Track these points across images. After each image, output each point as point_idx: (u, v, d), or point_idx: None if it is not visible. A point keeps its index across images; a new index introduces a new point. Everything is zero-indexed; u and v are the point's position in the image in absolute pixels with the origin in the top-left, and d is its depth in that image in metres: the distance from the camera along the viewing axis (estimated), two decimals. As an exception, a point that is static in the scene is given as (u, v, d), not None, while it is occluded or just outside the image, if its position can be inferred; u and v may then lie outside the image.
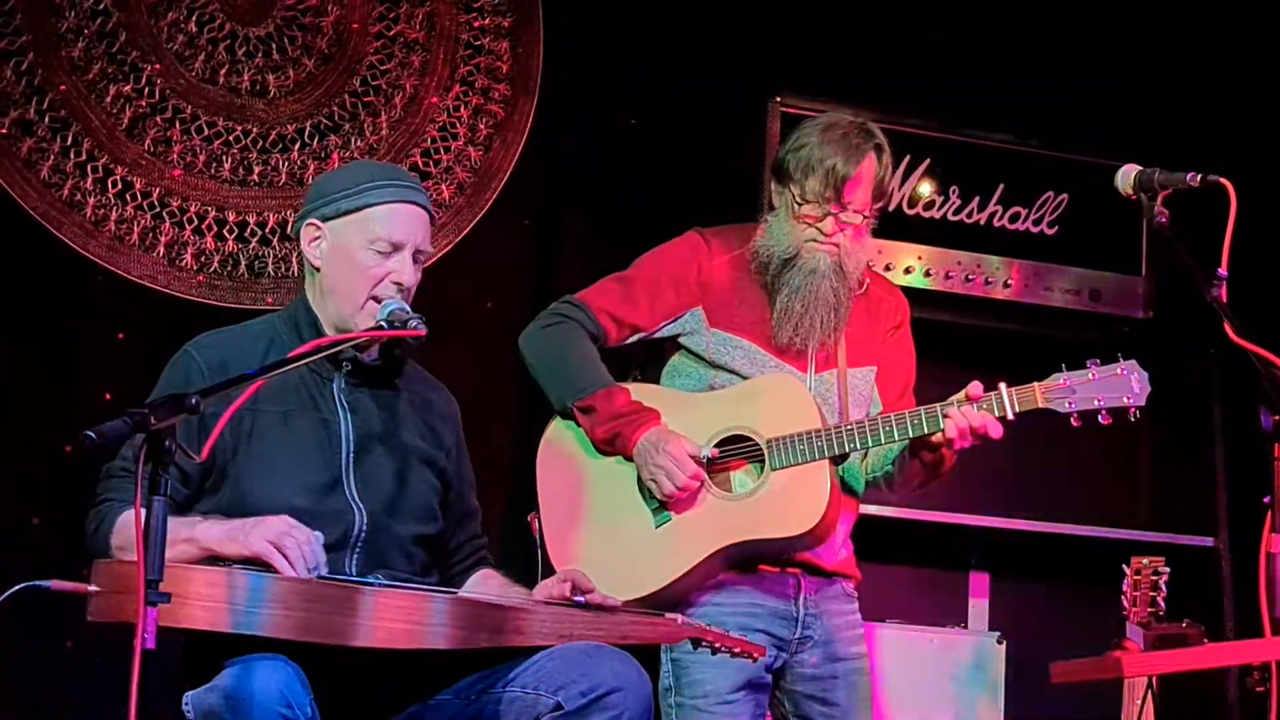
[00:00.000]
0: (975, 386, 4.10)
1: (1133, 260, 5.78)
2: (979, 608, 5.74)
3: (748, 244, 4.33)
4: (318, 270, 3.84)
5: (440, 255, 3.96)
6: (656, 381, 4.42)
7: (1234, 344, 3.86)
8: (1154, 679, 4.48)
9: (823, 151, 4.21)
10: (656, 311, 4.32)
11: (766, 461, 4.16)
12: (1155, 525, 5.80)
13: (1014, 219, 5.70)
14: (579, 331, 4.27)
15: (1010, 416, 4.10)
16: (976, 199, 5.64)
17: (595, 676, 3.52)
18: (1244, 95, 6.03)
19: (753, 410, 4.19)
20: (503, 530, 4.81)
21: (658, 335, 4.36)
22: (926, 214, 5.62)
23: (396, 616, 3.43)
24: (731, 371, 4.28)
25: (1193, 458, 5.85)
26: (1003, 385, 4.11)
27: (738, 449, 4.20)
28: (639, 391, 4.27)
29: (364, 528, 3.70)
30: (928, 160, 5.62)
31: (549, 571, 4.16)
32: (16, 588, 3.20)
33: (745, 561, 4.22)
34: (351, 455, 3.75)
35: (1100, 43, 6.02)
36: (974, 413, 4.07)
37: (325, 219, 3.82)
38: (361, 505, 3.71)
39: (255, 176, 5.28)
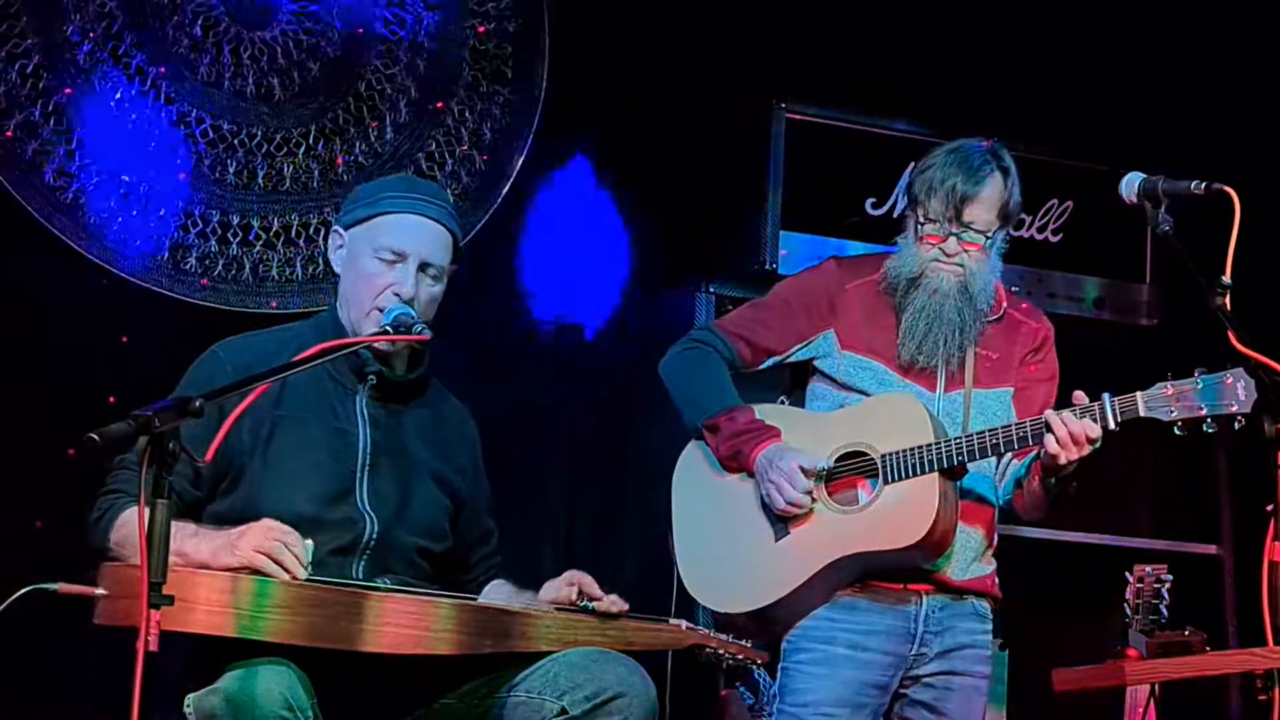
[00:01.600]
0: (1078, 395, 4.11)
1: (1137, 268, 5.78)
2: (981, 614, 5.72)
3: (879, 269, 4.37)
4: (339, 276, 3.89)
5: (453, 265, 3.96)
6: (802, 406, 4.48)
7: (1238, 352, 3.86)
8: (1156, 687, 4.47)
9: (945, 172, 4.26)
10: (788, 335, 4.38)
11: (880, 476, 4.19)
12: (1158, 533, 5.79)
13: (1019, 226, 5.69)
14: (712, 356, 4.36)
15: (1113, 425, 4.10)
16: (981, 205, 5.62)
17: (600, 681, 3.53)
18: (1249, 103, 6.02)
19: (870, 427, 4.23)
20: (506, 530, 4.80)
21: (793, 359, 4.42)
22: (931, 221, 5.61)
23: (403, 622, 3.44)
24: (861, 392, 4.33)
25: (1196, 465, 5.85)
26: (1106, 395, 4.10)
27: (855, 465, 4.24)
28: (764, 411, 4.34)
29: (374, 536, 3.71)
30: (933, 167, 5.61)
31: (682, 590, 4.30)
32: (24, 590, 3.20)
33: (863, 575, 4.25)
34: (366, 467, 3.76)
35: (1106, 50, 6.02)
36: (1074, 420, 4.07)
37: (345, 226, 3.88)
38: (372, 515, 3.72)
39: (260, 180, 5.28)
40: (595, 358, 5.62)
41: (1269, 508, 3.64)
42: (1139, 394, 4.11)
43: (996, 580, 4.47)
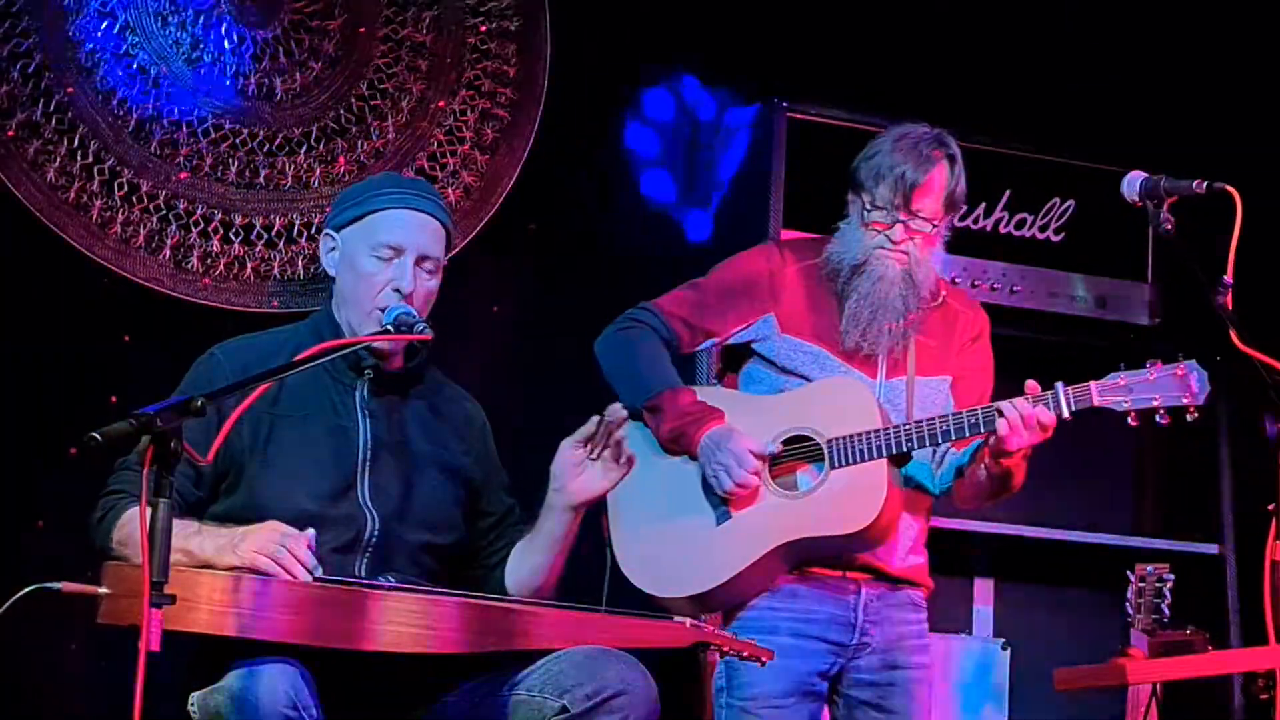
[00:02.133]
0: (1031, 384, 4.12)
1: (1139, 267, 5.77)
2: (984, 614, 5.73)
3: (820, 254, 4.36)
4: (334, 279, 3.89)
5: (448, 257, 3.97)
6: (735, 388, 4.46)
7: (1239, 351, 3.86)
8: (1158, 686, 4.48)
9: (893, 159, 4.25)
10: (728, 317, 4.36)
11: (826, 461, 4.18)
12: (1160, 532, 5.79)
13: (1020, 225, 5.69)
14: (651, 335, 4.33)
15: (1066, 415, 4.11)
16: (983, 205, 5.63)
17: (601, 679, 3.53)
18: (1251, 103, 6.02)
19: (815, 411, 4.22)
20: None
21: (730, 341, 4.40)
22: (932, 220, 5.61)
23: (406, 620, 3.44)
24: (801, 376, 4.31)
25: (1198, 465, 5.85)
26: (1059, 384, 4.11)
27: (800, 449, 4.23)
28: (705, 393, 4.32)
29: (375, 532, 3.71)
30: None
31: (616, 571, 4.25)
32: (27, 589, 3.21)
33: (805, 561, 4.23)
34: (367, 462, 3.77)
35: (1107, 49, 6.02)
36: (1027, 405, 4.08)
37: (338, 228, 3.89)
38: (373, 511, 3.72)
39: (261, 180, 5.28)
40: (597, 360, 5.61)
41: (1270, 507, 3.64)
42: (1092, 383, 4.12)
43: (928, 569, 4.45)
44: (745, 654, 3.80)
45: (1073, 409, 4.10)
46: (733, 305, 4.36)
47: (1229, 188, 3.89)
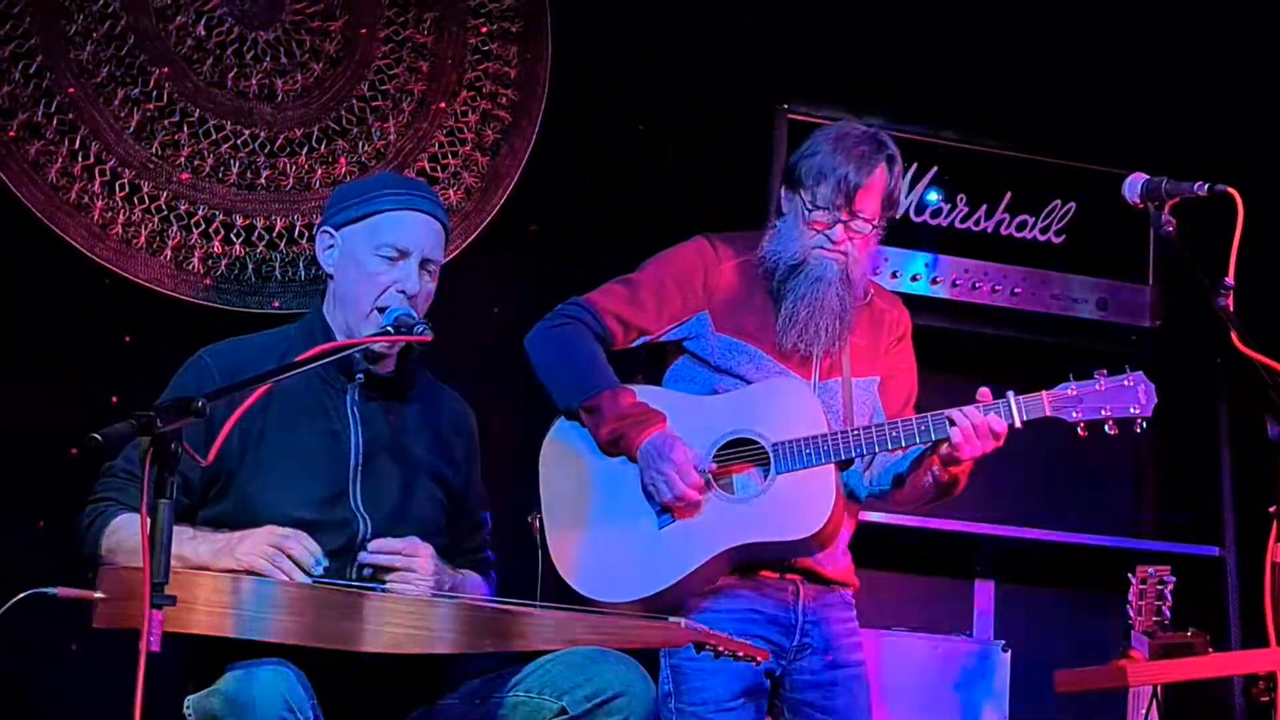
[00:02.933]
0: (983, 392, 4.11)
1: (1140, 269, 5.78)
2: (984, 616, 5.73)
3: (755, 250, 4.33)
4: (331, 278, 3.87)
5: (447, 260, 3.96)
6: (658, 385, 4.41)
7: (1241, 353, 3.86)
8: (1159, 688, 4.48)
9: (835, 160, 4.21)
10: (663, 315, 4.32)
11: (772, 465, 4.15)
12: (1161, 534, 5.79)
13: (1021, 227, 5.69)
14: (585, 333, 4.27)
15: (1018, 424, 4.10)
16: (984, 207, 5.63)
17: (600, 681, 3.53)
18: (1252, 104, 6.02)
19: (759, 414, 4.19)
20: (506, 534, 4.80)
21: (664, 339, 4.35)
22: (934, 222, 5.62)
23: (402, 621, 3.44)
24: (736, 376, 4.27)
25: (1199, 467, 5.85)
26: (1010, 393, 4.11)
27: (743, 452, 4.19)
28: (645, 393, 4.26)
29: (367, 537, 3.70)
30: (935, 168, 5.61)
31: (551, 573, 4.18)
32: (22, 595, 3.20)
33: (747, 565, 4.21)
34: (359, 466, 3.76)
35: (1108, 51, 6.01)
36: (979, 415, 4.08)
37: (337, 226, 3.86)
38: (366, 516, 3.71)
39: (263, 181, 5.28)
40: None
41: (1271, 509, 3.64)
42: (1044, 393, 4.13)
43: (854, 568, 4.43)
44: (740, 654, 3.80)
45: (1025, 418, 4.10)
46: (666, 302, 4.31)
47: (1230, 190, 3.89)
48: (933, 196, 5.61)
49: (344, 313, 3.83)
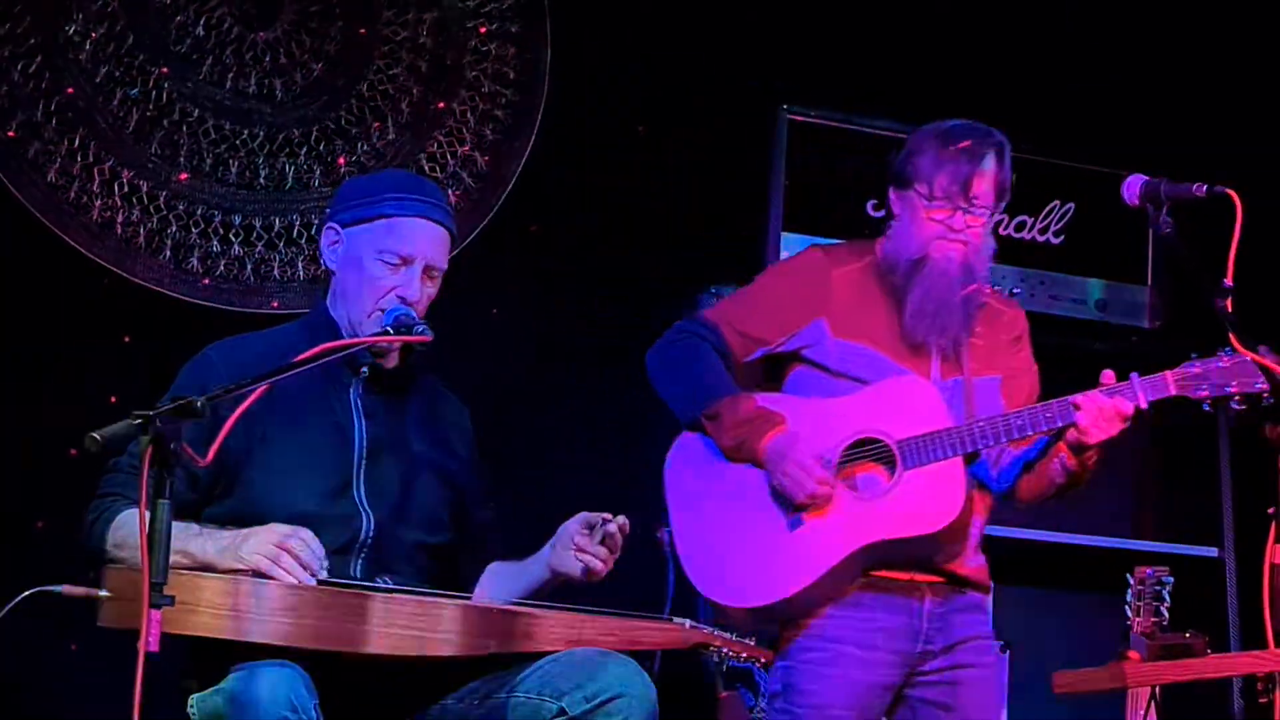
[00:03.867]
0: (1107, 375, 4.06)
1: (1139, 270, 5.78)
2: (983, 617, 5.72)
3: (867, 256, 4.31)
4: (334, 273, 3.87)
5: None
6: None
7: (1240, 354, 3.86)
8: (1157, 689, 4.48)
9: (946, 151, 4.19)
10: (780, 324, 4.28)
11: (898, 462, 4.11)
12: (1159, 535, 5.79)
13: (1020, 228, 5.70)
14: (704, 346, 4.25)
15: (1143, 405, 4.04)
16: (982, 207, 5.63)
17: (600, 682, 3.52)
18: (1251, 105, 6.03)
19: (881, 413, 4.16)
20: (512, 530, 4.81)
21: (782, 349, 4.30)
22: (933, 222, 5.61)
23: (407, 623, 3.44)
24: (854, 379, 4.22)
25: (1197, 468, 5.84)
26: (1134, 374, 4.04)
27: (868, 451, 4.15)
28: (765, 400, 4.23)
29: (371, 533, 3.70)
30: (934, 168, 5.61)
31: (684, 585, 4.17)
32: (28, 592, 3.21)
33: (880, 564, 4.15)
34: (363, 461, 3.75)
35: (1108, 52, 6.02)
36: (1104, 397, 4.03)
37: (344, 224, 3.84)
38: (369, 510, 3.71)
39: (261, 180, 5.29)
40: (598, 361, 5.61)
41: (1270, 510, 3.64)
42: (1168, 373, 4.05)
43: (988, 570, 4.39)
44: (745, 655, 3.80)
45: (1150, 398, 4.04)
46: (782, 312, 4.28)
47: (1229, 191, 3.89)
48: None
49: (345, 309, 3.83)
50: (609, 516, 3.72)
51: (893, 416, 4.15)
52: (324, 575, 3.51)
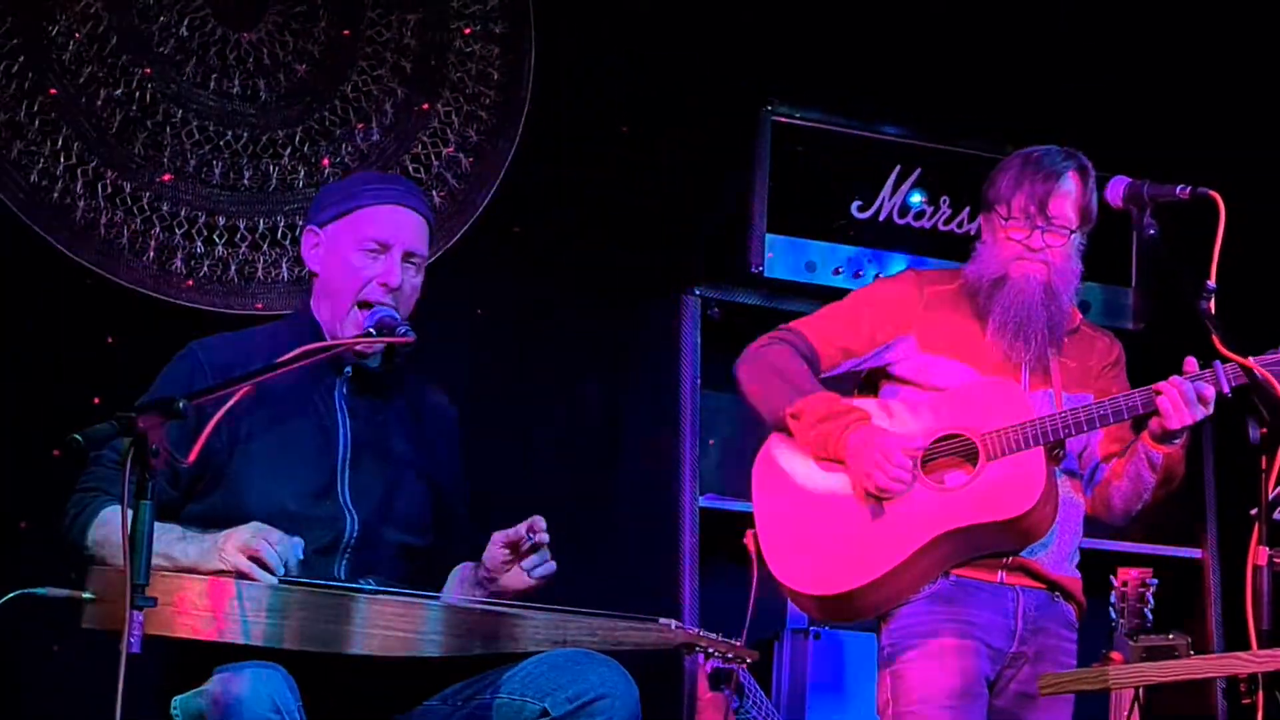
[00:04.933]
0: (1189, 361, 4.07)
1: (1123, 272, 5.78)
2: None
3: (955, 280, 4.36)
4: (316, 275, 3.88)
5: (430, 261, 3.96)
6: None
7: (1223, 356, 3.87)
8: (1141, 690, 4.48)
9: (1026, 170, 4.26)
10: (869, 336, 4.34)
11: (981, 454, 4.14)
12: (1143, 537, 5.78)
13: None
14: (790, 351, 4.31)
15: (1225, 390, 4.04)
16: (967, 209, 5.63)
17: (583, 683, 3.53)
18: (1236, 108, 6.03)
19: (965, 410, 4.19)
20: (491, 533, 4.80)
21: (869, 363, 4.37)
22: (917, 224, 5.62)
23: (391, 624, 3.44)
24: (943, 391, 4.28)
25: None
26: (1216, 361, 4.01)
27: (953, 447, 4.18)
28: (850, 399, 4.29)
29: (355, 534, 3.71)
30: (919, 170, 5.61)
31: (767, 587, 4.20)
32: (12, 594, 3.20)
33: (962, 558, 4.18)
34: (347, 461, 3.76)
35: (1091, 54, 6.02)
36: (1185, 381, 4.04)
37: (322, 224, 3.88)
38: (354, 511, 3.71)
39: (246, 181, 5.28)
40: (582, 361, 5.61)
41: (1253, 512, 3.65)
42: (1251, 359, 3.98)
43: (1081, 584, 4.40)
44: (730, 655, 3.80)
45: (1232, 384, 4.02)
46: (872, 325, 4.34)
47: (1212, 193, 3.90)
48: (916, 199, 5.61)
49: (328, 308, 3.84)
50: (527, 528, 3.70)
51: (978, 414, 4.18)
52: (293, 565, 3.49)
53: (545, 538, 3.70)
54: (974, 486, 4.13)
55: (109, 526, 3.53)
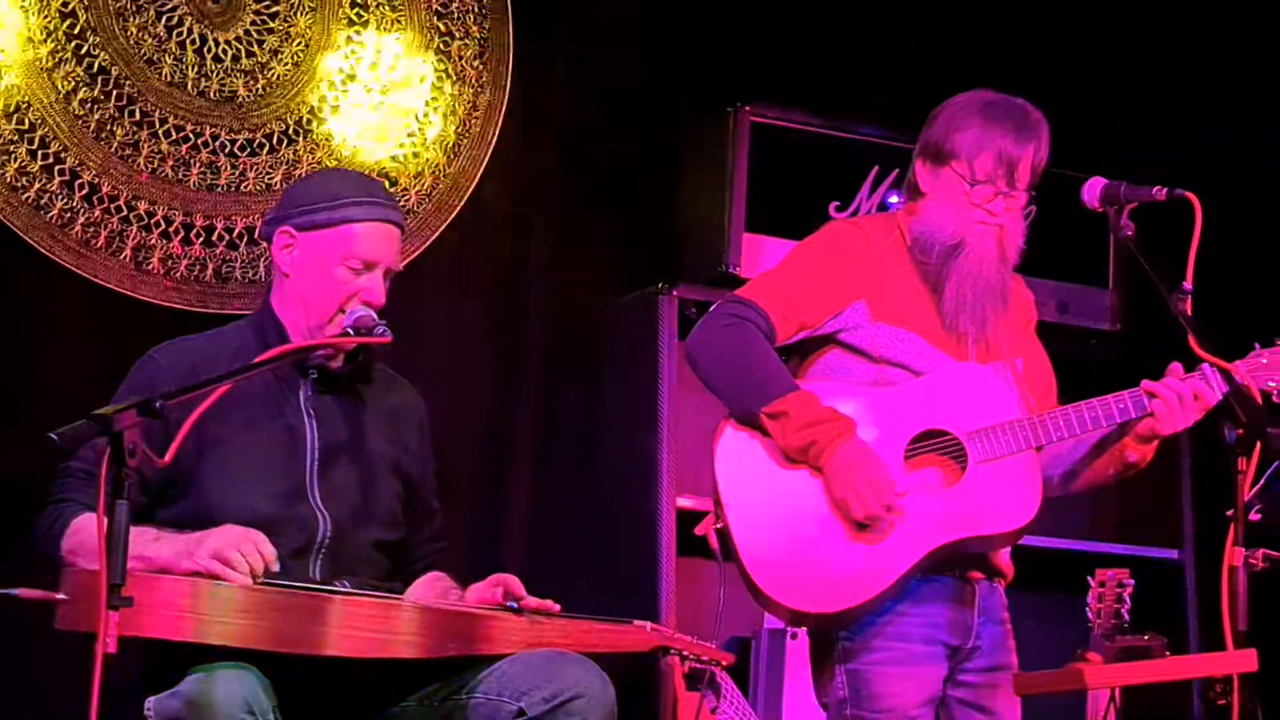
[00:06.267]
0: (1175, 367, 3.93)
1: (1100, 273, 5.79)
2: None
3: (894, 231, 4.13)
4: (286, 276, 3.84)
5: (407, 261, 3.96)
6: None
7: (1199, 357, 3.88)
8: (1117, 691, 4.50)
9: (991, 131, 4.03)
10: (821, 306, 4.07)
11: (968, 456, 3.96)
12: (1120, 538, 5.80)
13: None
14: (754, 332, 4.01)
15: (1219, 395, 3.89)
16: (945, 210, 5.63)
17: (559, 682, 3.53)
18: (1210, 110, 6.05)
19: (945, 403, 4.00)
20: (469, 534, 4.81)
21: (820, 331, 4.10)
22: (894, 225, 5.62)
23: (366, 625, 3.44)
24: (899, 365, 4.05)
25: (1158, 471, 5.84)
26: (1204, 365, 3.91)
27: (935, 444, 4.00)
28: (821, 390, 4.03)
29: (328, 534, 3.70)
30: (896, 170, 5.61)
31: (748, 582, 3.98)
32: (-15, 597, 3.19)
33: (947, 563, 4.00)
34: (316, 462, 3.75)
35: (1068, 55, 6.04)
36: (1180, 383, 3.91)
37: (300, 229, 3.82)
38: (326, 512, 3.71)
39: (223, 181, 5.27)
40: (558, 361, 5.61)
41: (1229, 513, 3.65)
42: (1238, 363, 3.90)
43: None
44: (706, 658, 3.79)
45: (1223, 389, 3.88)
46: (824, 293, 4.06)
47: (1189, 194, 3.90)
48: (894, 199, 5.61)
49: (299, 314, 3.82)
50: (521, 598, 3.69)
51: (958, 407, 3.99)
52: (276, 569, 3.49)
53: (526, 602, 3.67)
54: (968, 495, 3.95)
55: (82, 534, 3.52)
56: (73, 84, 5.13)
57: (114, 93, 5.17)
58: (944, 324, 4.06)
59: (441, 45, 5.52)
